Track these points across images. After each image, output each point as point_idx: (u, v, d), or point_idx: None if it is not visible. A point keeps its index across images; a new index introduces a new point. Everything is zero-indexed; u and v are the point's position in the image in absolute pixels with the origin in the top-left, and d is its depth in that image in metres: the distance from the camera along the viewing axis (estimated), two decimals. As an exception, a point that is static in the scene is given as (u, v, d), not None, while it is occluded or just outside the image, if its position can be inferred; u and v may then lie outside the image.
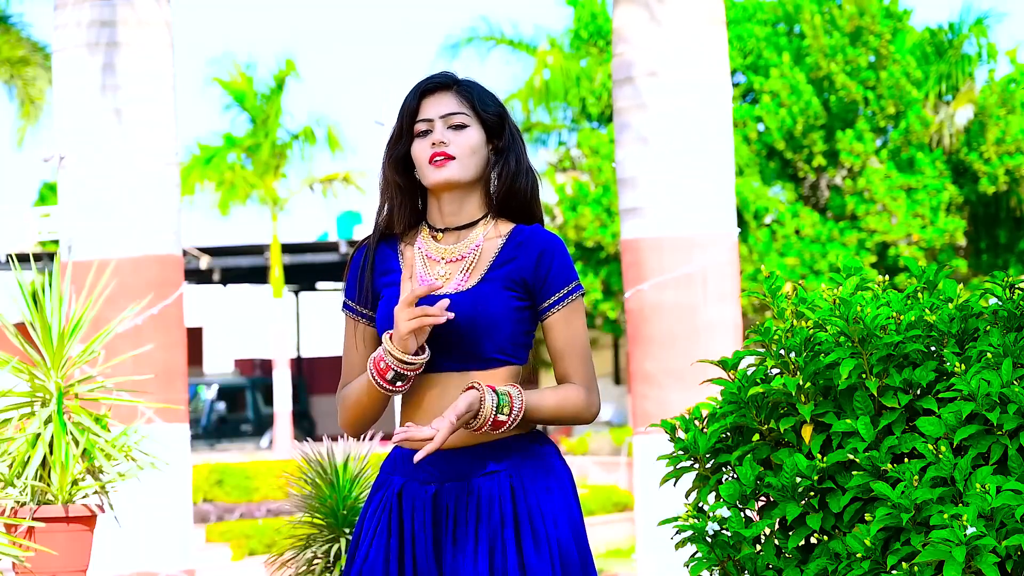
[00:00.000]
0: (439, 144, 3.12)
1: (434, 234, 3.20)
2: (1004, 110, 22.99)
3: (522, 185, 3.18)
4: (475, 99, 3.17)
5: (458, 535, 3.07)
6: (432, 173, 3.13)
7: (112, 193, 8.47)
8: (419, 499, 3.11)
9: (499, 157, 3.18)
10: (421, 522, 3.10)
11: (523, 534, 3.06)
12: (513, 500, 3.09)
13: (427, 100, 3.17)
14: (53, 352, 4.76)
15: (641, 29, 8.82)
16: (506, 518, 3.07)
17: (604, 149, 23.72)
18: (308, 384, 37.64)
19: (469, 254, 3.15)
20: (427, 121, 3.15)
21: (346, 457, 4.31)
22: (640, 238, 8.81)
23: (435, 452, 3.05)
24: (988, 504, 2.91)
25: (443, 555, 3.08)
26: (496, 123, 3.18)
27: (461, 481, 3.10)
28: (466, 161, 3.13)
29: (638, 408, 8.90)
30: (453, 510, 3.09)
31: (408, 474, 3.14)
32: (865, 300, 3.33)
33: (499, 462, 3.10)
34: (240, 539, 18.10)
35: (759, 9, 25.32)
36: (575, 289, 3.15)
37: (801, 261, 23.26)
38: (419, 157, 3.15)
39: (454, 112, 3.15)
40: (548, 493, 3.12)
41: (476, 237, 3.17)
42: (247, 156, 29.66)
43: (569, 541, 3.10)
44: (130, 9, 8.53)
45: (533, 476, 3.12)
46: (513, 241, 3.15)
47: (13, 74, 25.07)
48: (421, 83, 3.19)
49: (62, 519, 4.63)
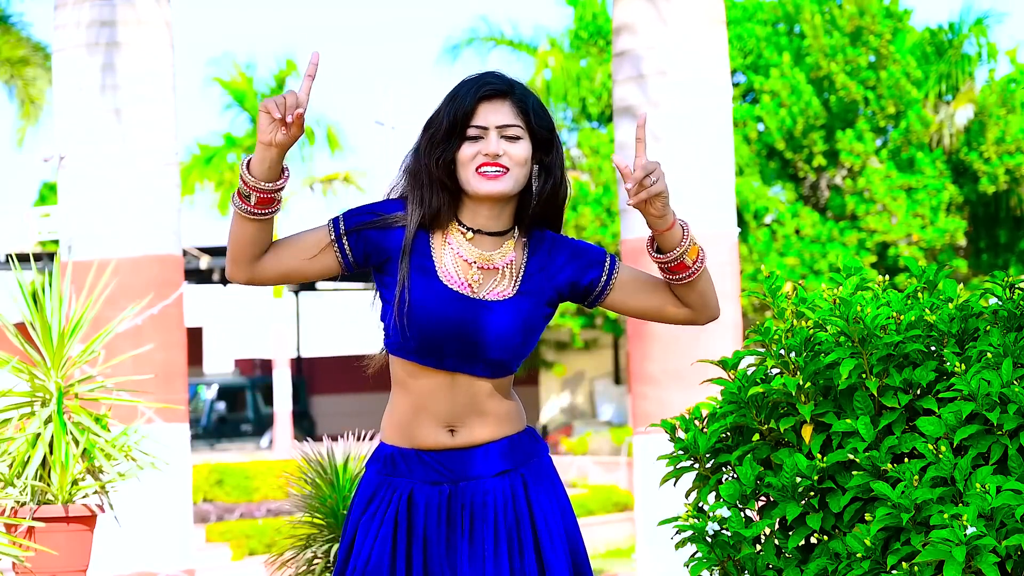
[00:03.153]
0: (494, 156, 3.09)
1: (464, 233, 3.15)
2: (1004, 110, 22.98)
3: (562, 197, 3.19)
4: (531, 112, 3.13)
5: (475, 536, 3.07)
6: (481, 184, 3.09)
7: (112, 193, 8.47)
8: (433, 501, 3.09)
9: (543, 170, 3.17)
10: (435, 523, 3.08)
11: (539, 532, 3.08)
12: (527, 498, 3.11)
13: (484, 106, 3.11)
14: (53, 352, 4.76)
15: (641, 29, 8.82)
16: (521, 517, 3.09)
17: (604, 149, 23.73)
18: (308, 384, 37.63)
19: (503, 266, 3.13)
20: (481, 128, 3.10)
21: (346, 457, 4.31)
22: (640, 238, 8.81)
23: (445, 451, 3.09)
24: (988, 504, 2.91)
25: (458, 556, 3.07)
26: (546, 138, 3.16)
27: (475, 480, 3.10)
28: (516, 174, 3.11)
29: (638, 408, 8.90)
30: (469, 510, 3.09)
31: (413, 475, 3.12)
32: (865, 300, 3.33)
33: (507, 461, 3.12)
34: (240, 539, 18.10)
35: (759, 9, 25.32)
36: (612, 257, 3.20)
37: (801, 261, 23.26)
38: (466, 162, 3.10)
39: (510, 124, 3.10)
40: (553, 489, 3.15)
41: (508, 249, 3.15)
42: (247, 156, 29.64)
43: (576, 536, 3.15)
44: (130, 9, 8.53)
45: (536, 474, 3.14)
46: (540, 249, 3.17)
47: (13, 74, 25.07)
48: (479, 85, 3.12)
49: (62, 519, 4.63)
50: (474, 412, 3.11)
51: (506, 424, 3.14)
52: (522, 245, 3.17)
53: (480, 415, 3.11)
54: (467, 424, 3.10)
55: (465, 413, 3.10)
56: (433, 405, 3.10)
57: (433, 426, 3.11)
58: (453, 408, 3.09)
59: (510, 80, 3.15)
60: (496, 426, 3.12)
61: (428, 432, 3.11)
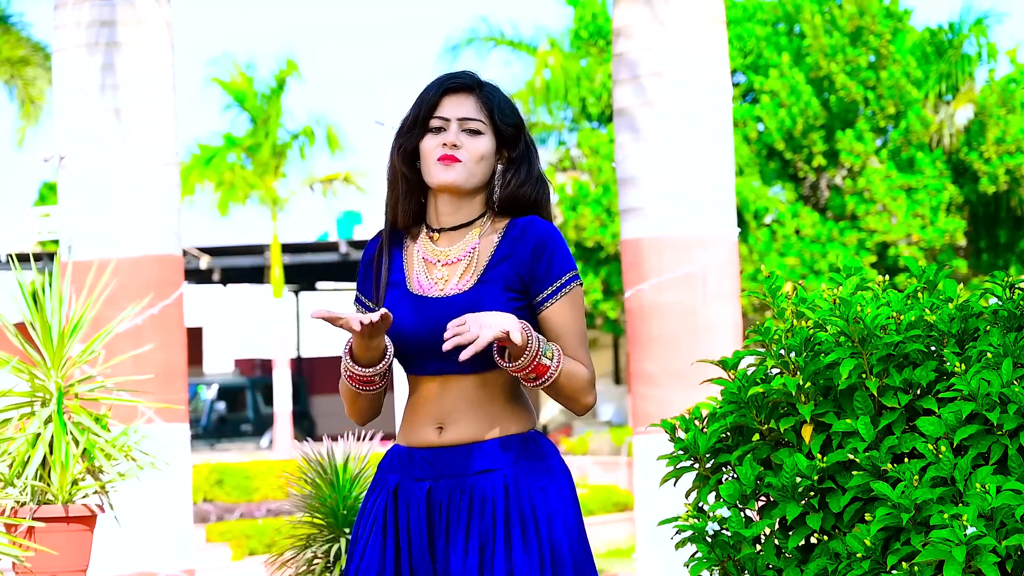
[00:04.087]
0: (450, 146, 3.13)
1: (431, 235, 3.20)
2: (1004, 110, 22.99)
3: (527, 192, 3.18)
4: (495, 108, 3.16)
5: (451, 532, 3.08)
6: (437, 172, 3.13)
7: (112, 193, 8.47)
8: (413, 496, 3.13)
9: (509, 167, 3.18)
10: (416, 518, 3.11)
11: (513, 535, 3.06)
12: (506, 499, 3.09)
13: (448, 98, 3.16)
14: (53, 352, 4.75)
15: (642, 29, 8.82)
16: (498, 518, 3.07)
17: (604, 149, 23.72)
18: (308, 384, 37.63)
19: (465, 256, 3.15)
20: (443, 119, 3.15)
21: (346, 457, 4.31)
22: (640, 238, 8.81)
23: (432, 449, 3.11)
24: (988, 504, 2.91)
25: (437, 552, 3.09)
26: (512, 135, 3.18)
27: (455, 479, 3.11)
28: (472, 167, 3.14)
29: (638, 408, 8.90)
30: (446, 507, 3.10)
31: (404, 471, 3.16)
32: (865, 300, 3.33)
33: (495, 461, 3.11)
34: (240, 539, 18.10)
35: (759, 9, 25.32)
36: (572, 279, 3.14)
37: (801, 261, 23.26)
38: (427, 153, 3.15)
39: (472, 117, 3.15)
40: (543, 493, 3.11)
41: (472, 239, 3.17)
42: (247, 156, 29.65)
43: (562, 543, 3.09)
44: (130, 9, 8.53)
45: (529, 475, 3.12)
46: (508, 236, 3.16)
47: (13, 74, 25.07)
48: (445, 79, 3.18)
49: (62, 519, 4.63)
50: (466, 410, 3.13)
51: (501, 424, 3.14)
52: (494, 234, 3.18)
53: (472, 413, 3.12)
54: (456, 422, 3.12)
55: (456, 411, 3.13)
56: (428, 405, 3.15)
57: (425, 425, 3.15)
58: (444, 407, 3.13)
59: (481, 79, 3.20)
60: (488, 425, 3.13)
61: (421, 431, 3.15)
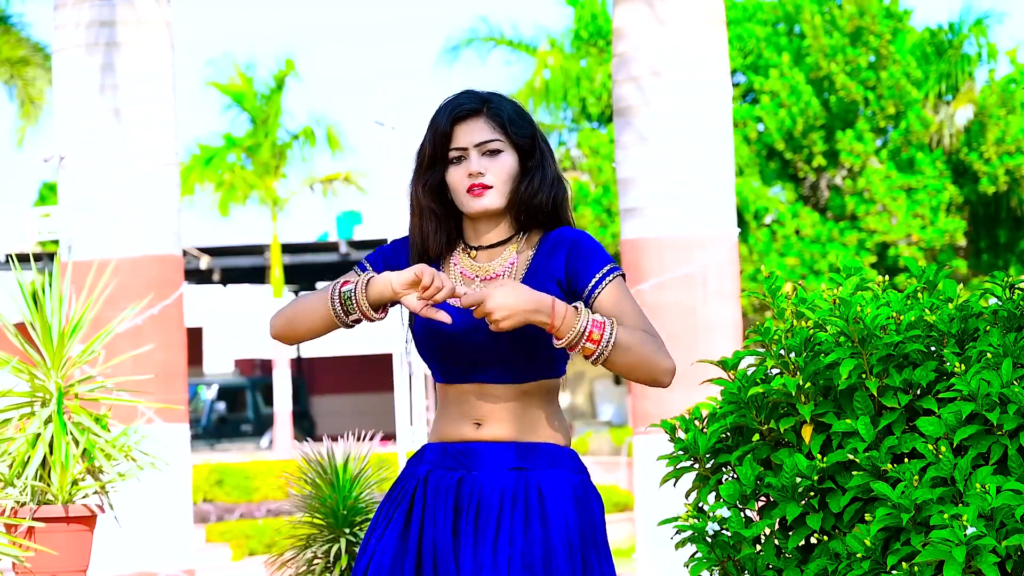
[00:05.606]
0: (476, 175, 3.15)
1: (469, 251, 3.23)
2: (1004, 110, 22.99)
3: (542, 200, 3.19)
4: (507, 122, 3.17)
5: (480, 524, 3.10)
6: (471, 203, 3.16)
7: (112, 193, 8.48)
8: (443, 484, 3.16)
9: (523, 178, 3.19)
10: (443, 505, 3.14)
11: (534, 536, 3.07)
12: (540, 499, 3.11)
13: (460, 127, 3.17)
14: (53, 352, 4.75)
15: (642, 29, 8.82)
16: (531, 516, 3.09)
17: (604, 149, 23.72)
18: (308, 384, 37.62)
19: (504, 271, 3.19)
20: (461, 149, 3.17)
21: (346, 457, 4.31)
22: (640, 238, 8.81)
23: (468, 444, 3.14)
24: (988, 504, 2.91)
25: (461, 542, 3.11)
26: (528, 144, 3.20)
27: (489, 473, 3.13)
28: (502, 188, 3.17)
29: (638, 408, 8.90)
30: (477, 499, 3.12)
31: (436, 463, 3.20)
32: (865, 300, 3.33)
33: (527, 460, 3.13)
34: (240, 539, 18.11)
35: (759, 9, 25.32)
36: (613, 269, 3.14)
37: (801, 261, 23.27)
38: (456, 186, 3.18)
39: (488, 140, 3.16)
40: (568, 501, 3.12)
41: (510, 255, 3.20)
42: (247, 156, 29.65)
43: (577, 550, 3.10)
44: (130, 9, 8.53)
45: (562, 484, 3.13)
46: (542, 250, 3.19)
47: (13, 74, 25.08)
48: (451, 109, 3.18)
49: (62, 519, 4.63)
50: (504, 414, 3.16)
51: (538, 431, 3.17)
52: (529, 249, 3.22)
53: (510, 417, 3.16)
54: (496, 421, 3.16)
55: (495, 413, 3.17)
56: (465, 407, 3.18)
57: (462, 422, 3.18)
58: (483, 410, 3.17)
59: (483, 95, 3.21)
60: (526, 429, 3.16)
61: (457, 426, 3.19)
